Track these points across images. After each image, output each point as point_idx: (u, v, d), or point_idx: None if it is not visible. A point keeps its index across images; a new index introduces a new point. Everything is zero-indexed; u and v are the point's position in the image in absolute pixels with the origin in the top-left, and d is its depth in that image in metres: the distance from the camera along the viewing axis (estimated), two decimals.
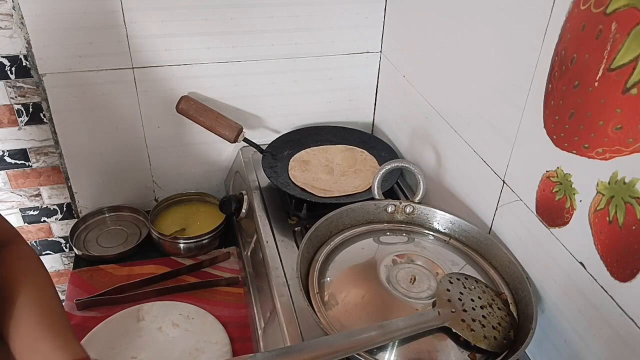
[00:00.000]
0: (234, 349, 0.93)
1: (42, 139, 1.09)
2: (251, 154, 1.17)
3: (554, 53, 0.63)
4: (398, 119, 1.15)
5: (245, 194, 1.08)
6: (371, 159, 1.12)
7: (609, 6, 0.54)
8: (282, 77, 1.15)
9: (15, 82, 1.02)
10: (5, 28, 0.96)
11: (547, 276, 0.70)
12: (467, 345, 0.64)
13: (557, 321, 0.69)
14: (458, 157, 0.90)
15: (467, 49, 0.84)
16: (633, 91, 0.52)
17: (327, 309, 0.69)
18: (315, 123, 1.23)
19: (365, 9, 1.11)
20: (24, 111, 1.05)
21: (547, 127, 0.66)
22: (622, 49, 0.52)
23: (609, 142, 0.56)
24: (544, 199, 0.69)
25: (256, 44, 1.09)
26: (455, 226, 0.83)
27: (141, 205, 1.21)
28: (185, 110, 1.07)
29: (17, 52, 0.99)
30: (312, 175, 1.06)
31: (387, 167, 0.85)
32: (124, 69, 1.04)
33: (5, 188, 1.14)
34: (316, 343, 0.60)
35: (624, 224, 0.55)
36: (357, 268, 0.77)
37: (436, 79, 0.95)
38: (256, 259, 0.96)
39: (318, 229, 0.79)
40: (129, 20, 0.99)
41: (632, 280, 0.56)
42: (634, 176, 0.54)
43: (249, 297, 0.98)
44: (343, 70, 1.18)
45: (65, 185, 1.16)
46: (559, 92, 0.63)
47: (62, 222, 1.23)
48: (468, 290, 0.70)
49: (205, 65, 1.08)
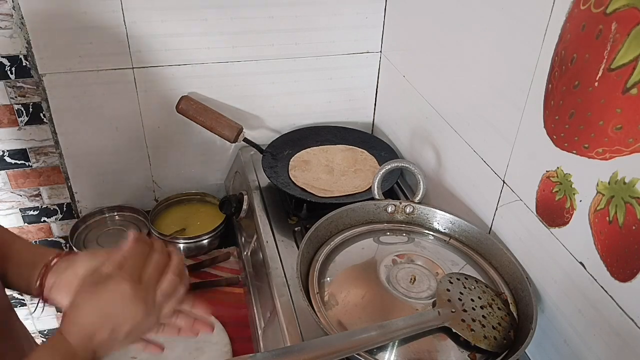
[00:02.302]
0: (234, 349, 0.93)
1: (42, 139, 1.09)
2: (251, 154, 1.17)
3: (554, 53, 0.63)
4: (398, 119, 1.15)
5: (245, 194, 1.08)
6: (371, 159, 1.12)
7: (609, 6, 0.54)
8: (282, 77, 1.15)
9: (15, 82, 1.02)
10: (5, 28, 0.96)
11: (547, 276, 0.70)
12: (467, 345, 0.64)
13: (557, 321, 0.69)
14: (458, 157, 0.90)
15: (467, 49, 0.84)
16: (633, 91, 0.52)
17: (327, 309, 0.69)
18: (315, 123, 1.23)
19: (365, 9, 1.11)
20: (24, 111, 1.05)
21: (547, 127, 0.66)
22: (622, 49, 0.52)
23: (609, 142, 0.56)
24: (544, 199, 0.69)
25: (256, 44, 1.09)
26: (455, 226, 0.83)
27: (141, 205, 1.21)
28: (185, 110, 1.07)
29: (17, 52, 0.99)
30: (312, 175, 1.06)
31: (387, 167, 0.85)
32: (124, 69, 1.04)
33: (5, 188, 1.14)
34: (316, 343, 0.60)
35: (624, 224, 0.55)
36: (357, 268, 0.77)
37: (436, 79, 0.95)
38: (256, 259, 0.96)
39: (318, 229, 0.79)
40: (129, 20, 0.99)
41: (632, 280, 0.56)
42: (634, 176, 0.54)
43: (249, 297, 0.98)
44: (343, 70, 1.18)
45: (65, 185, 1.16)
46: (559, 92, 0.63)
47: (62, 222, 1.23)
48: (468, 290, 0.70)
49: (205, 65, 1.08)
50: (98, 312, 0.53)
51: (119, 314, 0.53)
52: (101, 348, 0.53)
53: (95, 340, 0.53)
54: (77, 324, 0.53)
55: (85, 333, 0.52)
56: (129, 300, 0.53)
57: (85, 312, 0.53)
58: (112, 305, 0.53)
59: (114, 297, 0.53)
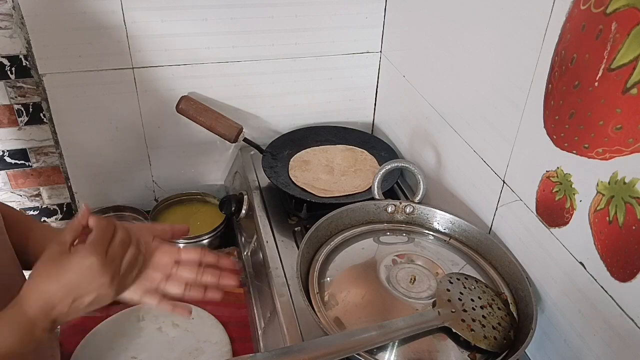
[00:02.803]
0: (234, 349, 0.93)
1: (42, 139, 1.09)
2: (251, 154, 1.17)
3: (554, 53, 0.63)
4: (398, 119, 1.15)
5: (245, 194, 1.08)
6: (371, 159, 1.12)
7: (609, 6, 0.54)
8: (282, 77, 1.15)
9: (15, 82, 1.02)
10: (5, 28, 0.96)
11: (547, 276, 0.70)
12: (467, 345, 0.64)
13: (557, 321, 0.69)
14: (458, 157, 0.90)
15: (467, 49, 0.84)
16: (633, 91, 0.52)
17: (327, 309, 0.69)
18: (315, 123, 1.23)
19: (365, 9, 1.11)
20: (24, 111, 1.05)
21: (547, 127, 0.66)
22: (622, 49, 0.52)
23: (609, 142, 0.56)
24: (544, 199, 0.69)
25: (256, 44, 1.09)
26: (455, 226, 0.83)
27: (141, 205, 1.21)
28: (185, 110, 1.07)
29: (17, 52, 0.99)
30: (312, 175, 1.06)
31: (387, 167, 0.85)
32: (124, 69, 1.04)
33: (5, 188, 1.14)
34: (316, 343, 0.60)
35: (624, 224, 0.55)
36: (357, 268, 0.77)
37: (436, 79, 0.95)
38: (256, 259, 0.96)
39: (318, 229, 0.79)
40: (129, 20, 0.99)
41: (632, 280, 0.56)
42: (634, 176, 0.54)
43: (249, 297, 0.98)
44: (343, 70, 1.18)
45: (65, 185, 1.16)
46: (559, 92, 0.63)
47: (62, 222, 1.23)
48: (468, 290, 0.70)
49: (205, 65, 1.08)
50: (61, 283, 0.54)
51: (83, 286, 0.55)
52: (61, 316, 0.55)
53: (55, 310, 0.54)
54: (38, 292, 0.54)
55: (45, 302, 0.54)
56: (95, 272, 0.54)
57: (48, 282, 0.54)
58: (76, 276, 0.54)
59: (80, 269, 0.54)
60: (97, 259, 0.54)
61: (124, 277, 0.59)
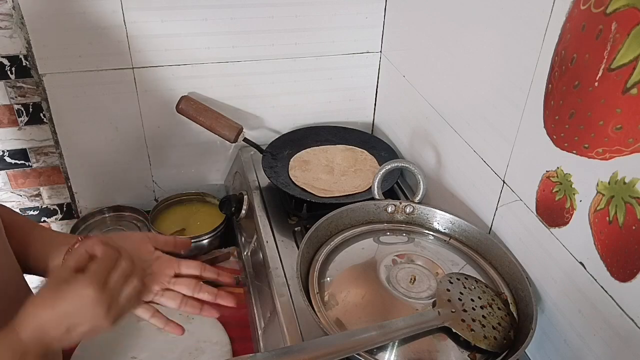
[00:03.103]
0: (234, 349, 0.93)
1: (42, 139, 1.09)
2: (251, 154, 1.17)
3: (554, 53, 0.63)
4: (398, 119, 1.15)
5: (245, 194, 1.08)
6: (371, 159, 1.12)
7: (609, 6, 0.54)
8: (282, 77, 1.15)
9: (15, 82, 1.02)
10: (5, 28, 0.96)
11: (547, 276, 0.70)
12: (467, 345, 0.64)
13: (557, 321, 0.69)
14: (458, 157, 0.90)
15: (467, 49, 0.84)
16: (633, 91, 0.52)
17: (327, 309, 0.69)
18: (315, 123, 1.23)
19: (365, 9, 1.11)
20: (24, 111, 1.05)
21: (547, 127, 0.66)
22: (622, 49, 0.52)
23: (609, 142, 0.56)
24: (544, 199, 0.69)
25: (256, 44, 1.09)
26: (455, 226, 0.83)
27: (141, 205, 1.21)
28: (185, 110, 1.07)
29: (17, 52, 0.99)
30: (312, 175, 1.06)
31: (387, 167, 0.85)
32: (124, 69, 1.04)
33: (5, 188, 1.14)
34: (316, 343, 0.60)
35: (624, 224, 0.55)
36: (357, 268, 0.77)
37: (436, 79, 0.95)
38: (256, 259, 0.96)
39: (318, 229, 0.79)
40: (129, 20, 0.99)
41: (632, 280, 0.56)
42: (634, 176, 0.54)
43: (249, 297, 0.98)
44: (343, 70, 1.18)
45: (65, 185, 1.16)
46: (559, 92, 0.63)
47: (62, 222, 1.23)
48: (468, 290, 0.70)
49: (205, 65, 1.08)
50: (56, 311, 0.54)
51: (77, 316, 0.54)
52: (55, 343, 0.55)
53: (48, 337, 0.54)
54: (32, 317, 0.54)
55: (38, 328, 0.53)
56: (91, 304, 0.54)
57: (43, 308, 0.54)
58: (71, 306, 0.54)
59: (75, 299, 0.54)
60: (93, 290, 0.54)
61: (122, 308, 0.58)
